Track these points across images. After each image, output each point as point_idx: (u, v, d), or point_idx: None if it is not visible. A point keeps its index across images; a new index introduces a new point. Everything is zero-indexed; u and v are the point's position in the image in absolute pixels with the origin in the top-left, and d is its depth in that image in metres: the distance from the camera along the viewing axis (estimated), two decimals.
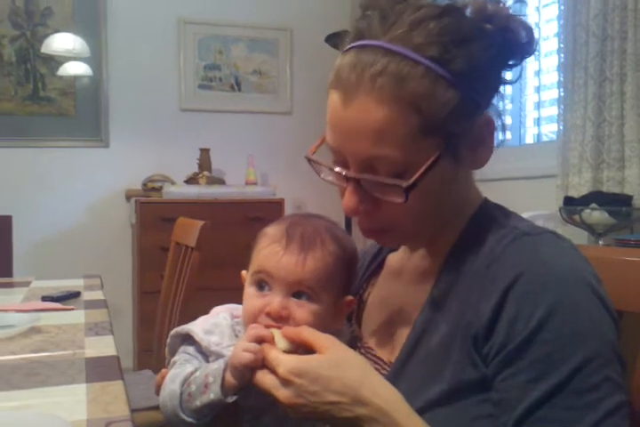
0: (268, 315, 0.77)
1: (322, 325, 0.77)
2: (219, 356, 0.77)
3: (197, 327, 0.81)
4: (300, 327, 0.74)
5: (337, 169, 0.77)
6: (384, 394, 0.69)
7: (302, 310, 0.78)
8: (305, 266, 0.78)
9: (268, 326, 0.75)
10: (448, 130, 0.71)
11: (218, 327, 0.81)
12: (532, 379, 0.66)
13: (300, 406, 0.69)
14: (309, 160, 0.82)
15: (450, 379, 0.71)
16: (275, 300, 0.77)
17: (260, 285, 0.80)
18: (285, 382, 0.69)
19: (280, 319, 0.76)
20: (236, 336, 0.80)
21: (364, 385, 0.69)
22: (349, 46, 0.74)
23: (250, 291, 0.81)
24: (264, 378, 0.71)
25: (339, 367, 0.70)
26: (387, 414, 0.68)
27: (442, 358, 0.73)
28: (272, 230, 0.83)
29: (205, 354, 0.80)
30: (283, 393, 0.69)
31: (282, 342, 0.73)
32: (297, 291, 0.78)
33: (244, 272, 0.86)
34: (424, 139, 0.71)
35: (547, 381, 0.65)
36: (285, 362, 0.70)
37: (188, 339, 0.82)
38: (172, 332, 0.85)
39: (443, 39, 0.69)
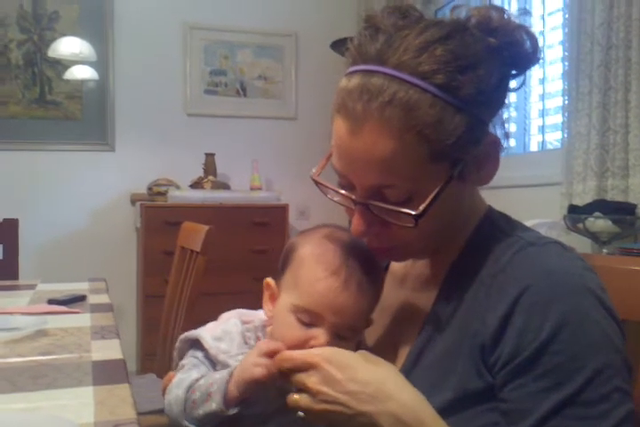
0: None
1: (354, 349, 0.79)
2: (225, 366, 0.77)
3: (207, 334, 0.81)
4: None
5: (343, 192, 0.77)
6: (411, 393, 0.70)
7: (343, 343, 0.77)
8: (358, 310, 0.77)
9: None
10: (456, 155, 0.72)
11: (228, 335, 0.81)
12: (543, 389, 0.66)
13: (324, 394, 0.69)
14: (315, 182, 0.81)
15: (455, 388, 0.71)
16: (322, 336, 0.75)
17: (304, 321, 0.77)
18: (315, 368, 0.70)
19: None
20: (246, 343, 0.80)
21: (390, 380, 0.70)
22: (355, 69, 0.73)
23: (290, 319, 0.78)
24: (296, 377, 0.71)
25: (368, 362, 0.71)
26: (412, 411, 0.68)
27: (447, 366, 0.73)
28: (324, 259, 0.78)
29: (213, 361, 0.80)
30: (311, 379, 0.70)
31: None
32: (342, 330, 0.78)
33: (270, 280, 0.84)
34: (432, 165, 0.71)
35: (559, 391, 0.66)
36: (317, 350, 0.72)
37: (196, 344, 0.82)
38: (182, 336, 0.85)
39: (450, 66, 0.69)
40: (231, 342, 0.80)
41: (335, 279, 0.76)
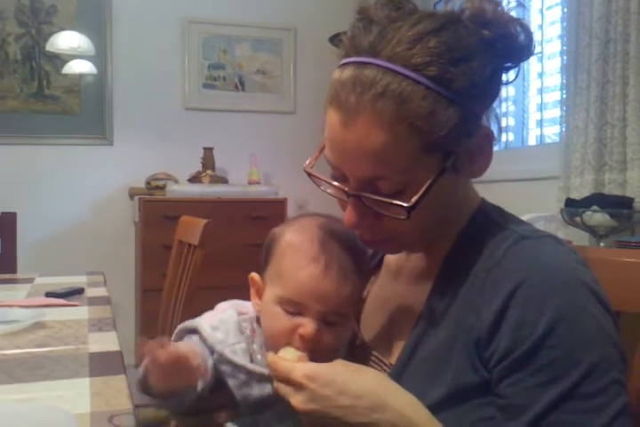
0: (302, 337, 0.75)
1: (345, 338, 0.79)
2: (220, 355, 0.77)
3: (205, 322, 0.81)
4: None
5: (336, 184, 0.77)
6: (403, 398, 0.70)
7: (331, 331, 0.77)
8: (341, 295, 0.77)
9: (298, 349, 0.75)
10: (448, 147, 0.71)
11: (224, 324, 0.81)
12: (541, 384, 0.66)
13: (313, 412, 0.69)
14: (308, 174, 0.81)
15: (450, 382, 0.71)
16: (309, 324, 0.76)
17: (290, 310, 0.77)
18: (299, 387, 0.69)
19: (314, 343, 0.76)
20: (242, 333, 0.80)
21: (382, 389, 0.70)
22: (348, 61, 0.72)
23: (276, 310, 0.78)
24: (279, 387, 0.72)
25: (354, 373, 0.71)
26: (406, 418, 0.68)
27: (443, 360, 0.73)
28: (303, 247, 0.78)
29: (209, 348, 0.80)
30: (296, 399, 0.69)
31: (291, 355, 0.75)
32: (329, 316, 0.78)
33: (255, 275, 0.85)
34: (425, 157, 0.71)
35: (557, 385, 0.66)
36: (299, 367, 0.71)
37: (193, 332, 0.82)
38: (180, 326, 0.85)
39: (443, 58, 0.68)
40: (227, 331, 0.80)
41: (315, 267, 0.76)
